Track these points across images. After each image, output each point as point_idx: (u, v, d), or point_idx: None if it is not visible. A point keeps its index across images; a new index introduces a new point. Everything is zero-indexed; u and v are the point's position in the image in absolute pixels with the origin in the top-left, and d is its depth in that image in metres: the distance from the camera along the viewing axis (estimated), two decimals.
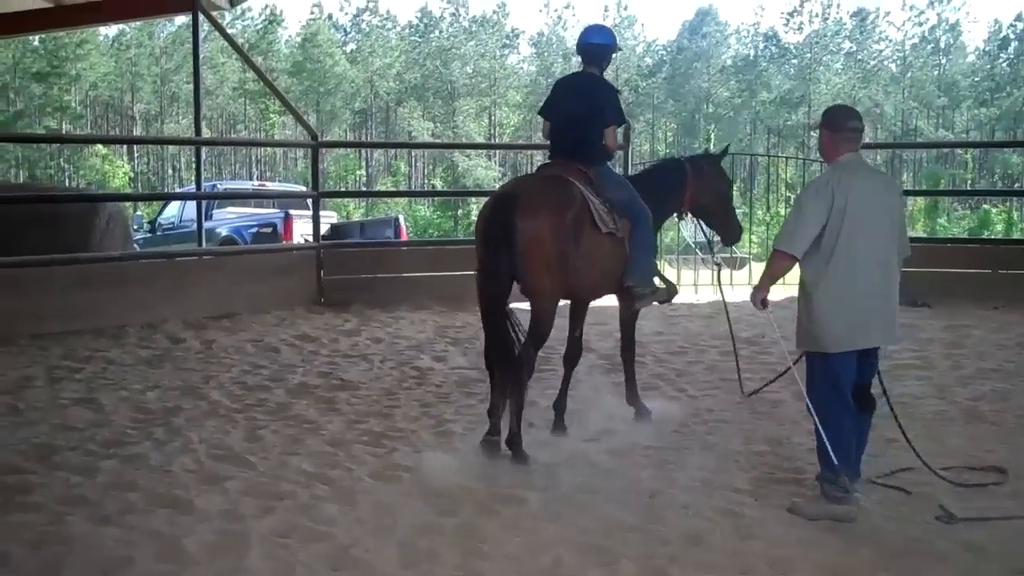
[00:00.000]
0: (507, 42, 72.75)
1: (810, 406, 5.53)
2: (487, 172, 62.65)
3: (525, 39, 74.52)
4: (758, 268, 17.23)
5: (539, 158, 65.55)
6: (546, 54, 70.82)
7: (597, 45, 7.35)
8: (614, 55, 7.61)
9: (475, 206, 54.62)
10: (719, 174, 8.03)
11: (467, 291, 13.39)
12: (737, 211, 8.38)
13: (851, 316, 5.41)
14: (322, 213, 15.74)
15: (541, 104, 7.63)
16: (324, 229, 16.68)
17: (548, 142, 7.52)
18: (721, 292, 8.84)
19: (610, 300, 13.42)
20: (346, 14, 71.97)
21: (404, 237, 19.02)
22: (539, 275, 6.58)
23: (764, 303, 5.78)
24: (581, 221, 6.72)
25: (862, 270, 5.40)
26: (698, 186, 7.83)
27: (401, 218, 19.50)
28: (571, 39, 71.52)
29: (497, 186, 55.27)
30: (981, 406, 8.04)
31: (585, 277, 6.91)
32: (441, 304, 13.07)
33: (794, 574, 4.72)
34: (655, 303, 7.85)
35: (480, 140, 65.92)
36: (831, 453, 5.34)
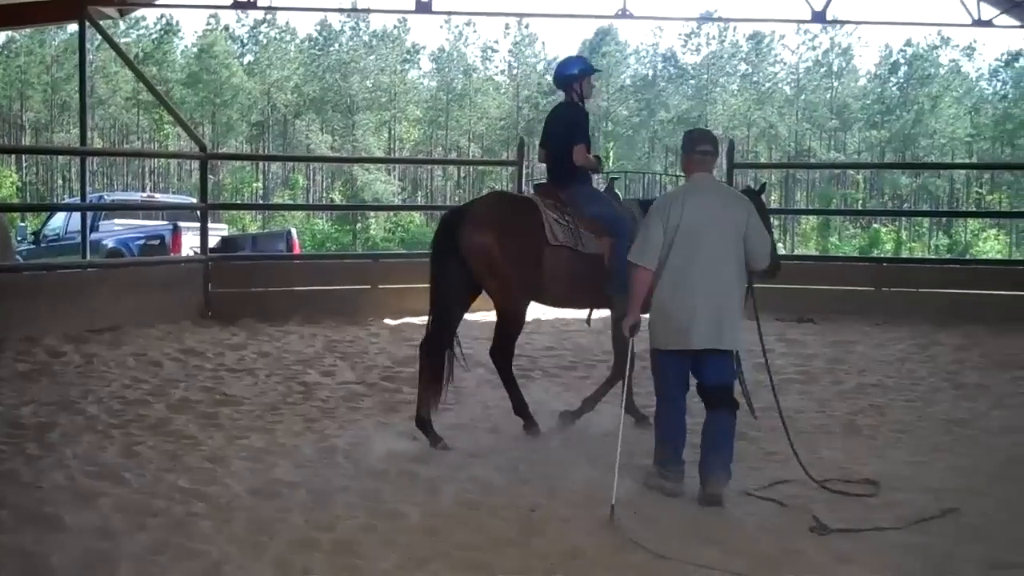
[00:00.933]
0: (408, 57, 72.45)
1: None
2: (386, 186, 62.40)
3: (426, 54, 74.41)
4: None
5: (439, 173, 65.77)
6: (447, 69, 70.76)
7: (563, 76, 7.97)
8: (590, 79, 8.07)
9: (373, 220, 54.36)
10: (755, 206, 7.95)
11: (360, 306, 13.37)
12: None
13: (672, 319, 6.03)
14: (213, 226, 15.50)
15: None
16: (215, 242, 16.44)
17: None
18: (757, 320, 8.09)
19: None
20: (243, 25, 70.91)
21: (297, 250, 18.80)
22: (483, 278, 7.30)
23: (633, 330, 6.19)
24: (531, 234, 7.33)
25: (689, 279, 5.98)
26: None
27: (294, 231, 19.27)
28: (471, 56, 71.82)
29: (396, 200, 55.22)
30: (859, 420, 8.22)
31: (556, 285, 7.51)
32: (332, 319, 12.95)
33: None
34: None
35: (379, 154, 65.60)
36: (655, 439, 6.25)
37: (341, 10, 67.46)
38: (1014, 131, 67.33)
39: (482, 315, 8.40)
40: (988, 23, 15.54)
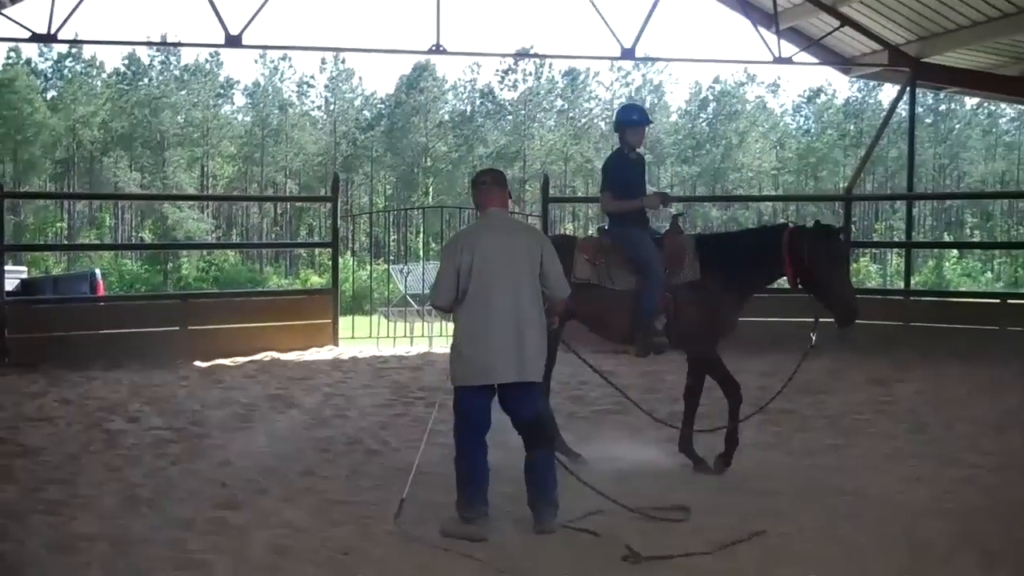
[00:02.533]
0: (221, 92, 70.88)
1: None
2: (199, 224, 60.84)
3: (239, 89, 72.86)
4: None
5: (255, 210, 63.96)
6: (261, 105, 69.62)
7: (616, 122, 8.31)
8: (636, 129, 8.21)
9: (185, 260, 52.91)
10: (822, 250, 7.46)
11: (168, 348, 12.88)
12: None
13: (474, 355, 6.03)
14: (12, 268, 14.79)
15: None
16: (13, 285, 15.68)
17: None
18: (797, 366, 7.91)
19: (324, 354, 13.45)
20: (46, 60, 68.05)
21: (101, 292, 18.06)
22: None
23: None
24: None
25: (485, 315, 6.01)
26: (796, 258, 7.47)
27: (98, 272, 18.52)
28: (287, 91, 70.79)
29: (210, 239, 53.34)
30: (671, 448, 8.36)
31: (590, 320, 7.98)
32: (139, 362, 12.40)
33: None
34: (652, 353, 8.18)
35: (192, 191, 64.00)
36: (458, 482, 6.11)
37: (149, 43, 65.72)
38: (816, 164, 70.58)
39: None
40: (788, 60, 16.22)
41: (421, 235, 35.33)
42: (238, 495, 6.83)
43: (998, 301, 15.36)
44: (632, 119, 8.21)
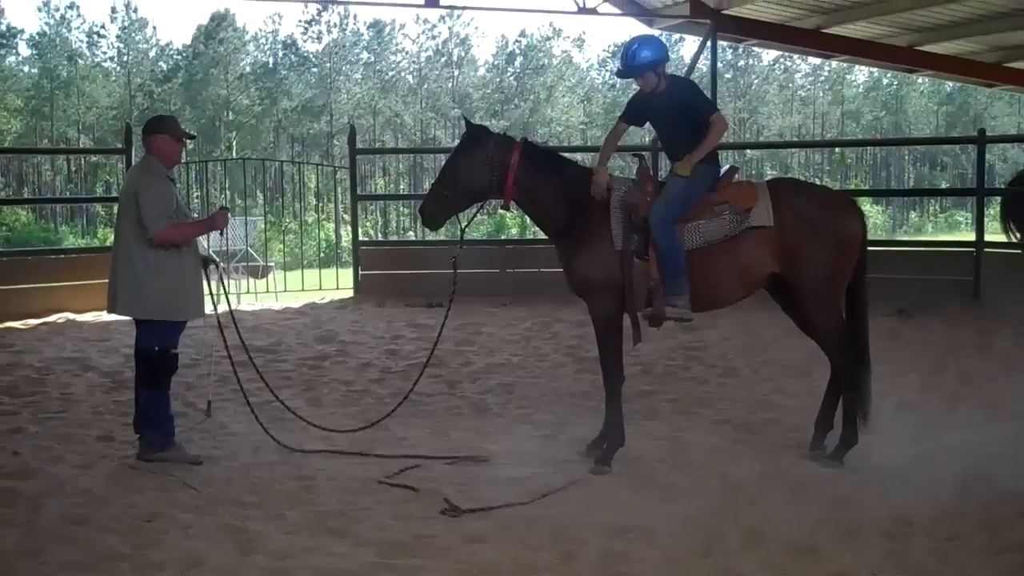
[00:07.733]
0: (3, 42, 66.75)
1: None
2: None
3: (24, 39, 68.63)
4: (283, 277, 16.99)
5: (47, 166, 60.47)
6: (49, 56, 65.99)
7: None
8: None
9: None
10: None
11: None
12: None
13: None
14: None
15: None
16: None
17: None
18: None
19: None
20: None
21: None
22: None
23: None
24: None
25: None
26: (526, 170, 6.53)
27: None
28: (75, 40, 67.29)
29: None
30: (488, 399, 8.30)
31: None
32: None
33: None
34: None
35: None
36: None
37: None
38: None
39: None
40: (593, 11, 16.30)
41: (225, 191, 34.17)
42: (30, 463, 6.39)
43: None
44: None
